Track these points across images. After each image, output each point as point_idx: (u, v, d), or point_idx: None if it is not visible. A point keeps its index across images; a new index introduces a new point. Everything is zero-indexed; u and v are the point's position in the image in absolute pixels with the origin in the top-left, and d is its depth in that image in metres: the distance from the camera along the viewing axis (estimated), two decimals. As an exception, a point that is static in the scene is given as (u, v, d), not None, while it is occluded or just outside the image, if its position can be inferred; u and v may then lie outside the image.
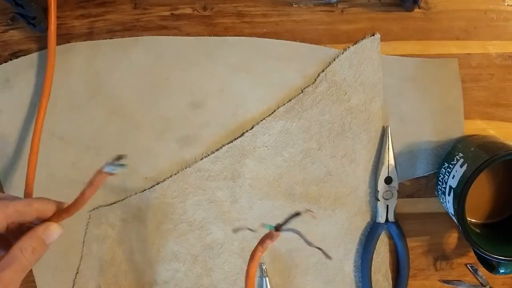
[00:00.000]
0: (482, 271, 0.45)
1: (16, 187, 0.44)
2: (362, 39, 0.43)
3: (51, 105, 0.43)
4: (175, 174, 0.44)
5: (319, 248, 0.31)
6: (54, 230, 0.31)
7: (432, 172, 0.45)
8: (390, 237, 0.46)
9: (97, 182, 0.32)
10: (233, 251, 0.46)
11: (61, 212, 0.32)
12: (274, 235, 0.32)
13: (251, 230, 0.34)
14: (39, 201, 0.32)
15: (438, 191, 0.44)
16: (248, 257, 0.45)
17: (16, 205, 0.30)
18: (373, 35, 0.43)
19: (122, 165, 0.32)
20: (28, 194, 0.39)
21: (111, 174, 0.32)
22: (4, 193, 0.44)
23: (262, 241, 0.33)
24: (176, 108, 0.44)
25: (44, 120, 0.41)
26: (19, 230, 0.32)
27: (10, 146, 0.44)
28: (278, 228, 0.32)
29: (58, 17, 0.42)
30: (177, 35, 0.44)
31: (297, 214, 0.31)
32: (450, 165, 0.41)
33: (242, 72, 0.44)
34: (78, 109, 0.44)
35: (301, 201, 0.45)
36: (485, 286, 0.46)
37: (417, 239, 0.46)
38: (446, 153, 0.44)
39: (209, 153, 0.44)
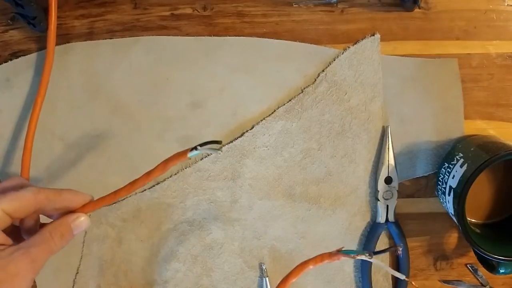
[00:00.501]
0: (482, 271, 0.45)
1: (16, 187, 0.44)
2: (362, 39, 0.43)
3: (51, 105, 0.44)
4: (175, 174, 0.44)
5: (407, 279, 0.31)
6: (83, 221, 0.32)
7: (432, 172, 0.45)
8: (390, 237, 0.46)
9: (166, 166, 0.32)
10: (233, 251, 0.46)
11: (91, 204, 0.33)
12: (335, 256, 0.31)
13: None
14: (68, 192, 0.32)
15: (438, 191, 0.44)
16: (248, 257, 0.46)
17: (47, 192, 0.31)
18: (373, 35, 0.43)
19: (215, 149, 0.31)
20: None
21: (189, 158, 0.32)
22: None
23: (321, 258, 0.32)
24: (176, 108, 0.44)
25: (38, 118, 0.41)
26: (34, 225, 0.33)
27: (10, 146, 0.44)
28: (370, 254, 0.31)
29: (58, 17, 0.42)
30: (177, 35, 0.44)
31: (392, 247, 0.31)
32: (450, 165, 0.41)
33: (242, 72, 0.44)
34: (78, 109, 0.44)
35: (301, 201, 0.45)
36: (485, 286, 0.46)
37: (417, 239, 0.46)
38: (446, 153, 0.44)
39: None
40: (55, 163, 0.44)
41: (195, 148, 0.31)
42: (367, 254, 0.31)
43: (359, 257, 0.31)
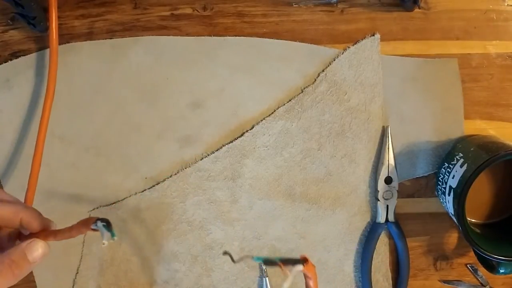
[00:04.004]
0: (482, 271, 0.45)
1: (15, 187, 0.44)
2: (362, 39, 0.43)
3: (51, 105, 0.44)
4: (175, 174, 0.44)
5: None
6: (38, 248, 0.29)
7: (432, 172, 0.45)
8: (390, 237, 0.46)
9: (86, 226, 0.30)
10: (233, 251, 0.46)
11: (49, 232, 0.31)
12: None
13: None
14: (27, 213, 0.30)
15: (438, 191, 0.44)
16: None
17: (2, 211, 0.29)
18: (373, 35, 0.43)
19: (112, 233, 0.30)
20: (29, 198, 0.39)
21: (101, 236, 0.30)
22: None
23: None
24: (176, 108, 0.44)
25: (48, 121, 0.41)
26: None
27: (10, 146, 0.44)
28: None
29: (58, 17, 0.42)
30: (177, 35, 0.44)
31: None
32: (450, 165, 0.41)
33: (242, 72, 0.44)
34: (78, 109, 0.44)
35: (301, 201, 0.45)
36: (485, 286, 0.46)
37: (417, 239, 0.46)
38: (446, 153, 0.44)
39: (209, 153, 0.44)
40: (55, 163, 0.44)
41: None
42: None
43: None
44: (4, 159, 0.44)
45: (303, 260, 0.30)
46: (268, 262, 0.30)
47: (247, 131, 0.44)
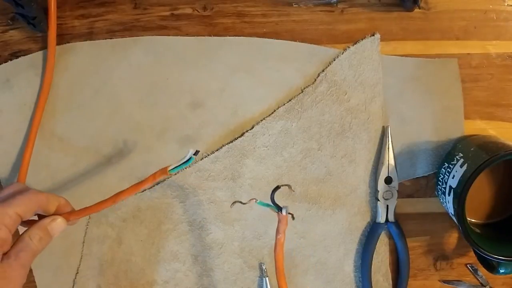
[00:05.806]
0: (482, 271, 0.45)
1: (16, 187, 0.44)
2: (362, 39, 0.43)
3: (51, 105, 0.44)
4: (175, 173, 0.44)
5: None
6: (59, 223, 0.35)
7: (432, 172, 0.45)
8: (390, 237, 0.46)
9: (147, 182, 0.36)
10: (233, 251, 0.46)
11: (71, 213, 0.37)
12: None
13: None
14: (63, 198, 0.36)
15: (438, 191, 0.44)
16: (248, 257, 0.46)
17: (48, 195, 0.35)
18: (373, 35, 0.43)
19: (190, 159, 0.35)
20: None
21: (171, 175, 0.36)
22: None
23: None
24: (176, 108, 0.44)
25: (41, 118, 0.43)
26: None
27: (10, 146, 0.44)
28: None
29: (58, 17, 0.42)
30: (177, 35, 0.44)
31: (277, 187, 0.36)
32: (450, 165, 0.41)
33: (242, 72, 0.44)
34: (78, 109, 0.44)
35: (301, 201, 0.45)
36: (485, 286, 0.46)
37: (417, 239, 0.46)
38: (446, 153, 0.44)
39: (209, 153, 0.44)
40: (54, 163, 0.44)
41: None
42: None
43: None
44: (4, 159, 0.44)
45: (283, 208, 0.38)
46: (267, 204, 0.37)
47: (247, 131, 0.44)
